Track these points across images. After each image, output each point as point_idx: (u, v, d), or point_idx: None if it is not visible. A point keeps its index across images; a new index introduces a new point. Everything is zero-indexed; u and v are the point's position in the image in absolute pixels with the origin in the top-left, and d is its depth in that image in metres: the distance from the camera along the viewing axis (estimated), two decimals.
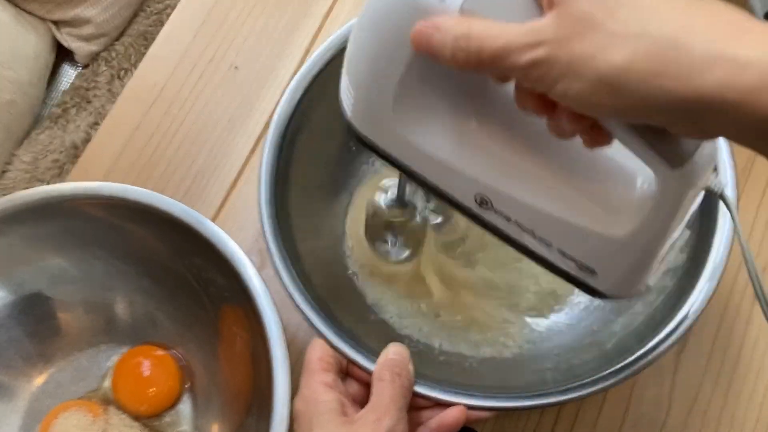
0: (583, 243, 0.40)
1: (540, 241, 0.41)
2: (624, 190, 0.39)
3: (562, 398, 0.49)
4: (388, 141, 0.42)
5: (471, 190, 0.41)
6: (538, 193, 0.40)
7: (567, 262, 0.41)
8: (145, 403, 0.60)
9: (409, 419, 0.47)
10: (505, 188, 0.41)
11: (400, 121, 0.40)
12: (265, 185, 0.53)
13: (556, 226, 0.40)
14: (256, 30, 0.71)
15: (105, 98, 0.78)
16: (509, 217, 0.41)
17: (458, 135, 0.41)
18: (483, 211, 0.42)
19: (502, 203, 0.41)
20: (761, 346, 0.61)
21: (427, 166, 0.42)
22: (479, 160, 0.41)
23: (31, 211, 0.56)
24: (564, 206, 0.40)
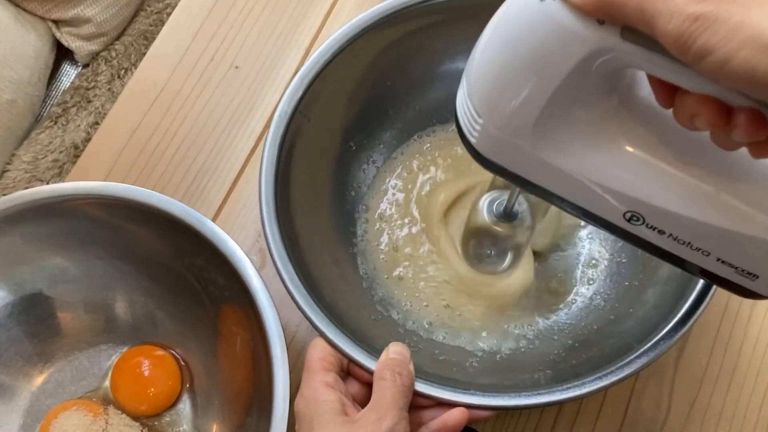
0: (746, 250, 0.38)
1: (697, 251, 0.39)
2: None
3: (562, 397, 0.49)
4: (524, 165, 0.39)
5: (620, 208, 0.39)
6: (696, 205, 0.38)
7: (725, 269, 0.39)
8: (145, 402, 0.60)
9: (410, 419, 0.47)
10: (662, 203, 0.38)
11: (540, 145, 0.38)
12: (266, 184, 0.53)
13: (718, 236, 0.38)
14: (257, 30, 0.71)
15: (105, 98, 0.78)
16: (663, 230, 0.39)
17: (606, 155, 0.38)
18: (633, 227, 0.40)
19: (655, 218, 0.39)
20: (761, 346, 0.61)
21: (569, 187, 0.39)
22: (628, 177, 0.38)
23: (32, 210, 0.56)
24: (723, 215, 0.37)
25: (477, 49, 0.37)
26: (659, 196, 0.38)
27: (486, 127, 0.38)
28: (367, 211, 0.63)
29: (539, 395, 0.49)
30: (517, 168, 0.40)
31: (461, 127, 0.40)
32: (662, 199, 0.38)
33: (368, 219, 0.63)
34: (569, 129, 0.37)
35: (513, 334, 0.59)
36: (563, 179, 0.39)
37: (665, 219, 0.39)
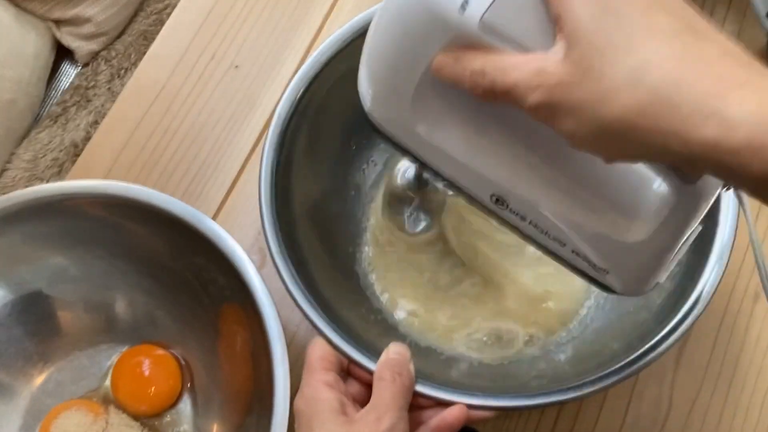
0: (596, 245, 0.41)
1: (554, 240, 0.42)
2: (639, 198, 0.39)
3: (562, 398, 0.48)
4: (406, 135, 0.42)
5: (487, 189, 0.42)
6: (553, 196, 0.41)
7: (581, 262, 0.42)
8: (145, 402, 0.60)
9: (410, 419, 0.47)
10: (521, 190, 0.41)
11: (418, 118, 0.40)
12: (266, 183, 0.53)
13: (570, 228, 0.41)
14: (257, 29, 0.71)
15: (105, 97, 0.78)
16: (525, 216, 0.42)
17: (476, 135, 0.41)
18: (499, 208, 0.42)
19: (517, 204, 0.41)
20: (762, 346, 0.61)
21: (444, 162, 0.42)
22: (496, 162, 0.41)
23: (31, 209, 0.56)
24: (578, 210, 0.40)
25: (372, 21, 0.39)
26: (519, 183, 0.41)
27: (375, 96, 0.41)
28: (368, 210, 0.63)
29: (539, 396, 0.49)
30: (402, 138, 0.42)
31: (360, 92, 0.43)
32: (521, 186, 0.41)
33: (369, 219, 0.63)
34: (444, 109, 0.40)
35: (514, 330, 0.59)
36: (438, 154, 0.42)
37: (525, 206, 0.41)
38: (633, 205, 0.40)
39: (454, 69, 0.35)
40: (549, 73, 0.32)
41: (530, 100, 0.32)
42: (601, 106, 0.30)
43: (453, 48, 0.35)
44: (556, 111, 0.32)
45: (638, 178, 0.39)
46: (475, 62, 0.34)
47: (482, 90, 0.34)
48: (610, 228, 0.40)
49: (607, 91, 0.30)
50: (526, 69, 0.33)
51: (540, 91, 0.32)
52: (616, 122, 0.30)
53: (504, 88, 0.33)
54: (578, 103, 0.31)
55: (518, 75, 0.33)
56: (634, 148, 0.31)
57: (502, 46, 0.34)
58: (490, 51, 0.34)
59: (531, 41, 0.33)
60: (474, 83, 0.35)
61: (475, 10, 0.34)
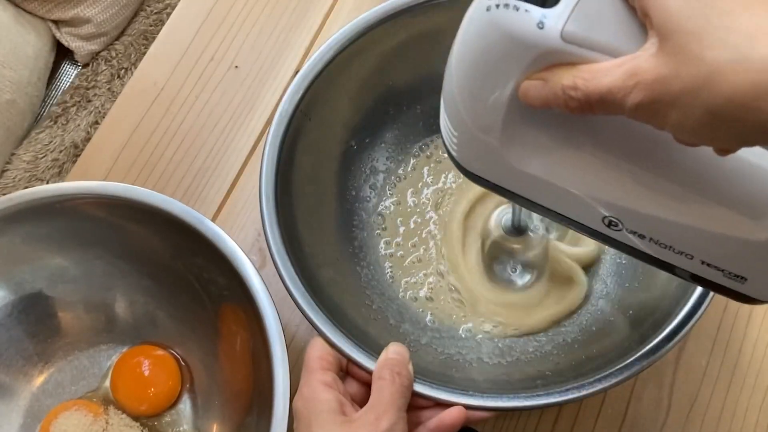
0: (728, 251, 0.38)
1: (681, 255, 0.39)
2: (762, 191, 0.37)
3: (562, 398, 0.48)
4: (502, 174, 0.40)
5: (598, 214, 0.39)
6: (670, 207, 0.38)
7: (712, 272, 0.39)
8: (145, 402, 0.60)
9: (409, 419, 0.47)
10: (634, 206, 0.39)
11: (511, 152, 0.39)
12: (267, 183, 0.53)
13: (696, 238, 0.38)
14: (257, 29, 0.71)
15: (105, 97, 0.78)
16: (643, 235, 0.39)
17: (575, 160, 0.39)
18: (614, 232, 0.40)
19: (633, 222, 0.39)
20: (761, 346, 0.61)
21: (546, 195, 0.40)
22: (600, 182, 0.39)
23: (31, 210, 0.56)
24: (700, 216, 0.38)
25: (447, 65, 0.38)
26: (633, 199, 0.38)
27: (461, 138, 0.39)
28: (368, 210, 0.63)
29: (538, 397, 0.49)
30: (496, 178, 0.40)
31: (444, 141, 0.41)
32: (636, 202, 0.38)
33: (369, 219, 0.63)
34: (536, 135, 0.38)
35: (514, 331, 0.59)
36: (538, 186, 0.40)
37: (642, 222, 0.39)
38: (757, 199, 0.37)
39: (543, 89, 0.34)
40: (644, 69, 0.31)
41: (629, 102, 0.31)
42: (707, 90, 0.29)
43: (537, 69, 0.34)
44: (659, 106, 0.31)
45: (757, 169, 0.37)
46: (564, 78, 0.33)
47: (576, 103, 0.33)
48: (738, 229, 0.37)
49: (711, 74, 0.29)
50: (618, 72, 0.31)
51: (638, 90, 0.31)
52: (727, 104, 0.29)
53: (599, 96, 0.32)
54: (682, 93, 0.30)
55: (611, 79, 0.31)
56: (749, 129, 0.30)
57: (589, 56, 0.33)
58: (577, 63, 0.33)
59: (619, 45, 0.32)
60: (566, 98, 0.33)
61: (555, 24, 0.32)
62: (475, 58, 0.36)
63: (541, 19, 0.33)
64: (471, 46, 0.36)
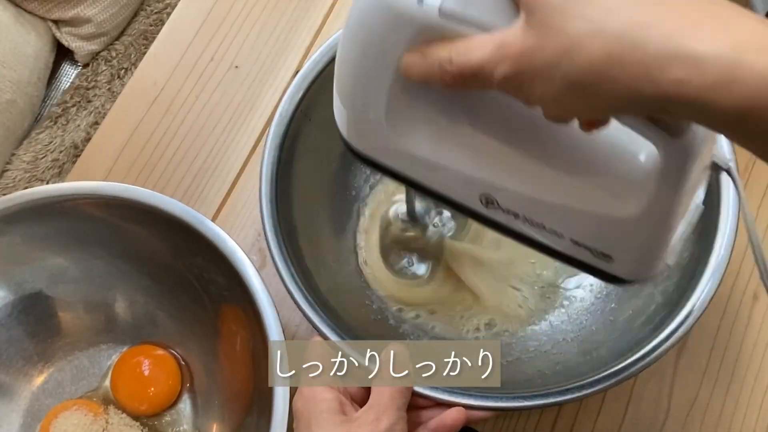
0: (594, 229, 0.40)
1: (551, 234, 0.41)
2: (628, 170, 0.38)
3: (561, 398, 0.48)
4: (386, 154, 0.42)
5: (475, 192, 0.41)
6: (542, 185, 0.40)
7: (581, 252, 0.41)
8: (145, 402, 0.60)
9: (409, 419, 0.47)
10: (509, 184, 0.40)
11: (394, 132, 0.40)
12: (267, 183, 0.53)
13: (565, 216, 0.40)
14: (257, 29, 0.71)
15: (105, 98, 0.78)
16: (517, 213, 0.41)
17: (454, 138, 0.40)
18: (490, 211, 0.41)
19: (507, 200, 0.41)
20: (761, 347, 0.61)
21: (428, 173, 0.42)
22: (478, 160, 0.40)
23: (31, 210, 0.56)
24: (570, 194, 0.40)
25: (338, 44, 0.39)
26: (506, 177, 0.40)
27: (349, 117, 0.41)
28: (368, 211, 0.63)
29: (538, 397, 0.49)
30: (382, 158, 0.42)
31: (336, 120, 0.42)
32: (508, 179, 0.40)
33: (369, 219, 0.63)
34: (418, 111, 0.39)
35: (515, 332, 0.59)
36: (419, 164, 0.41)
37: (515, 200, 0.40)
38: (623, 177, 0.39)
39: (423, 64, 0.35)
40: (510, 43, 0.32)
41: (497, 74, 0.32)
42: (566, 61, 0.30)
43: (418, 44, 0.35)
44: (524, 78, 0.32)
45: (624, 148, 0.38)
46: (441, 52, 0.34)
47: (452, 78, 0.34)
48: (605, 206, 0.39)
49: (570, 45, 0.30)
50: (489, 46, 0.33)
51: (505, 64, 0.32)
52: (584, 74, 0.30)
53: (471, 70, 0.33)
54: (543, 65, 0.31)
55: (482, 53, 0.33)
56: (608, 99, 0.31)
57: (466, 31, 0.34)
58: (455, 39, 0.34)
59: (493, 20, 0.33)
60: (443, 73, 0.34)
61: (433, 0, 0.34)
62: (360, 35, 0.37)
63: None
64: (357, 23, 0.37)
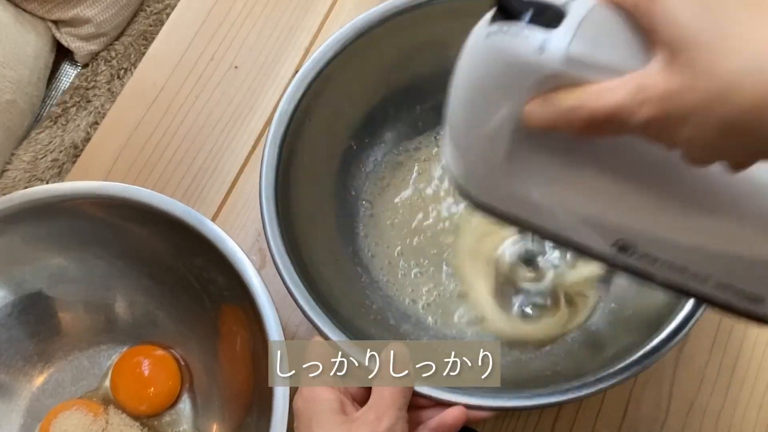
0: (744, 271, 0.37)
1: (695, 278, 0.38)
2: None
3: (562, 398, 0.48)
4: (507, 201, 0.39)
5: (608, 238, 0.38)
6: (682, 228, 0.37)
7: (729, 293, 0.38)
8: (145, 402, 0.60)
9: (409, 419, 0.47)
10: (645, 229, 0.38)
11: (517, 179, 0.38)
12: (267, 183, 0.53)
13: (710, 259, 0.37)
14: (256, 29, 0.71)
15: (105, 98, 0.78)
16: (656, 258, 0.38)
17: (581, 183, 0.38)
18: (626, 256, 0.39)
19: (644, 246, 0.38)
20: (760, 346, 0.61)
21: (554, 220, 0.39)
22: (610, 204, 0.38)
23: (31, 210, 0.56)
24: (714, 235, 0.37)
25: (450, 92, 0.37)
26: (642, 221, 0.38)
27: (467, 165, 0.39)
28: (368, 211, 0.63)
29: (539, 397, 0.49)
30: (504, 205, 0.40)
31: (449, 170, 0.40)
32: (646, 224, 0.38)
33: (369, 219, 0.63)
34: (541, 160, 0.37)
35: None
36: (545, 212, 0.39)
37: (653, 246, 0.38)
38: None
39: (547, 112, 0.33)
40: (652, 85, 0.30)
41: (638, 118, 0.30)
42: (722, 102, 0.28)
43: (541, 94, 0.33)
44: (670, 122, 0.30)
45: None
46: (568, 99, 0.32)
47: (582, 123, 0.32)
48: (755, 246, 0.36)
49: (726, 86, 0.28)
50: (625, 89, 0.30)
51: (647, 106, 0.30)
52: (742, 116, 0.28)
53: (605, 115, 0.31)
54: (694, 108, 0.29)
55: (618, 97, 0.30)
56: (765, 141, 0.29)
57: (594, 76, 0.32)
58: (581, 84, 0.32)
59: (623, 64, 0.31)
60: (571, 119, 0.32)
61: (557, 47, 0.31)
62: (477, 85, 0.35)
63: (543, 43, 0.32)
64: (472, 75, 0.35)
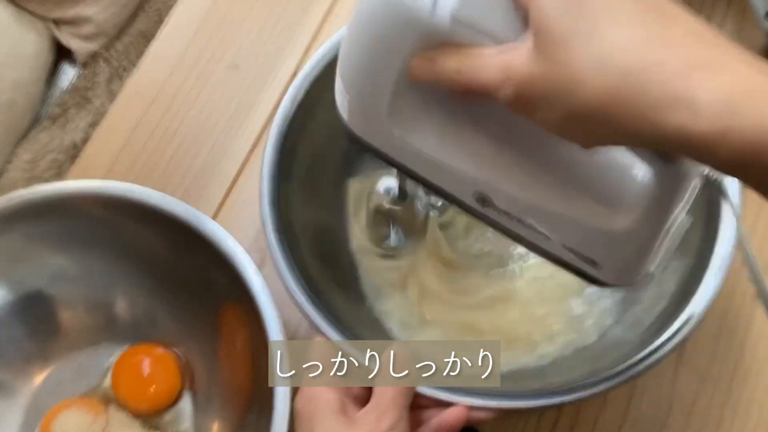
0: (583, 236, 0.41)
1: (541, 235, 0.42)
2: (622, 184, 0.39)
3: (564, 399, 0.48)
4: (385, 142, 0.42)
5: (470, 189, 0.42)
6: (536, 190, 0.41)
7: (568, 254, 0.42)
8: (146, 401, 0.60)
9: (411, 419, 0.47)
10: (503, 186, 0.41)
11: (395, 123, 0.41)
12: (267, 182, 0.53)
13: (557, 221, 0.41)
14: (256, 29, 0.71)
15: (104, 97, 0.78)
16: (510, 213, 0.42)
17: (454, 135, 0.41)
18: (483, 208, 0.42)
19: (501, 201, 0.42)
20: (762, 347, 0.61)
21: (425, 165, 0.42)
22: (476, 159, 0.41)
23: (32, 209, 0.56)
24: (563, 202, 0.41)
25: (346, 32, 0.39)
26: (501, 178, 0.41)
27: (352, 102, 0.41)
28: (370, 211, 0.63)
29: (540, 397, 0.49)
30: (381, 146, 0.42)
31: (338, 104, 0.43)
32: (504, 181, 0.41)
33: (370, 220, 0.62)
34: (421, 111, 0.40)
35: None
36: (419, 158, 0.42)
37: (508, 202, 0.41)
38: (616, 193, 0.40)
39: (431, 70, 0.36)
40: (516, 67, 0.32)
41: (502, 96, 0.33)
42: (569, 94, 0.31)
43: (427, 48, 0.35)
44: (528, 103, 0.33)
45: (620, 165, 0.39)
46: (450, 61, 0.35)
47: (460, 87, 0.35)
48: (596, 217, 0.40)
49: (574, 79, 0.30)
50: (495, 66, 0.33)
51: (510, 86, 0.33)
52: (585, 109, 0.31)
53: (479, 85, 0.34)
54: (547, 94, 0.31)
55: (488, 74, 0.33)
56: (607, 133, 0.31)
57: (476, 40, 0.34)
58: (464, 47, 0.34)
59: (503, 33, 0.34)
60: (451, 82, 0.35)
61: (446, 7, 0.34)
62: (370, 32, 0.37)
63: (435, 1, 0.34)
64: (367, 19, 0.37)
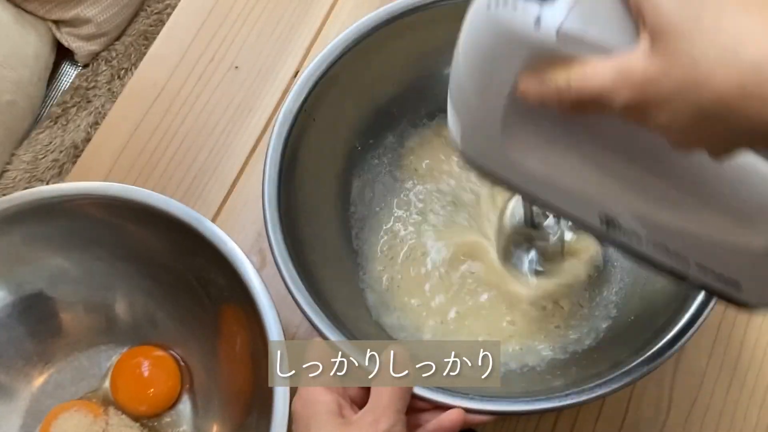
0: (721, 256, 0.39)
1: (675, 257, 0.40)
2: (758, 195, 0.37)
3: (561, 403, 0.48)
4: (502, 167, 0.41)
5: (593, 212, 0.40)
6: (665, 208, 0.38)
7: (708, 277, 0.40)
8: (145, 403, 0.60)
9: (408, 421, 0.47)
10: (629, 207, 0.39)
11: (509, 146, 0.39)
12: (269, 183, 0.53)
13: (690, 241, 0.39)
14: (257, 29, 0.71)
15: (105, 98, 0.78)
16: (639, 235, 0.40)
17: (572, 155, 0.39)
18: (611, 231, 0.40)
19: (628, 222, 0.39)
20: (761, 348, 0.61)
21: (545, 188, 0.41)
22: (597, 180, 0.39)
23: (31, 211, 0.56)
24: (697, 220, 0.38)
25: (453, 59, 0.39)
26: (625, 199, 0.39)
27: (465, 130, 0.40)
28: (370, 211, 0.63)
29: (538, 401, 0.48)
30: (499, 171, 0.41)
31: (450, 132, 0.42)
32: (628, 202, 0.39)
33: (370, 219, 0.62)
34: (535, 130, 0.39)
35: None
36: (537, 179, 0.40)
37: (636, 223, 0.39)
38: (754, 207, 0.37)
39: (540, 89, 0.34)
40: (633, 69, 0.31)
41: (618, 102, 0.31)
42: (696, 90, 0.29)
43: (535, 67, 0.34)
44: (648, 106, 0.31)
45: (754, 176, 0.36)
46: (558, 77, 0.33)
47: (570, 103, 0.33)
48: (733, 235, 0.37)
49: (700, 74, 0.29)
50: (609, 72, 0.31)
51: (627, 90, 0.31)
52: (716, 104, 0.29)
53: (591, 97, 0.32)
54: (670, 94, 0.30)
55: (601, 79, 0.32)
56: (736, 130, 0.30)
57: (585, 54, 0.33)
58: (573, 62, 0.33)
59: (613, 43, 0.32)
60: (561, 99, 0.33)
61: (551, 23, 0.33)
62: (476, 55, 0.36)
63: (538, 17, 0.33)
64: (472, 43, 0.36)
